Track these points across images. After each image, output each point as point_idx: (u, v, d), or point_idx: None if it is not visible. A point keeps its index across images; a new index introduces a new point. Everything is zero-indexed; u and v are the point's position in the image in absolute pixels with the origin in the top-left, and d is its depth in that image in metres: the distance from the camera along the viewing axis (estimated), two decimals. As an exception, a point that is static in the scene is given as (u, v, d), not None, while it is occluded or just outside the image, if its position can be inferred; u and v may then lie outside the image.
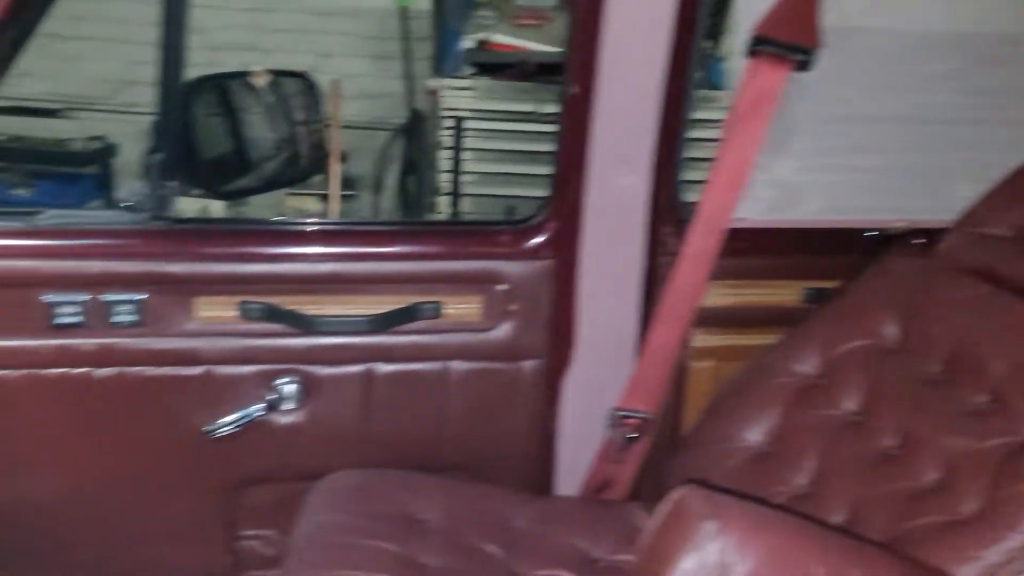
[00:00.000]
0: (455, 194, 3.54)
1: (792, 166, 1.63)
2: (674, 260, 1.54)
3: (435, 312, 1.58)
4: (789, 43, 1.39)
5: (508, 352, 1.62)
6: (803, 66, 1.41)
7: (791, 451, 1.41)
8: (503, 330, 1.62)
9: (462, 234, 1.67)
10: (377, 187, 4.08)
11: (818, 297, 1.66)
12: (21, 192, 3.53)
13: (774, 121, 1.45)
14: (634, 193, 1.58)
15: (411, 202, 3.94)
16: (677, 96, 1.55)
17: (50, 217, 1.49)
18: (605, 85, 1.50)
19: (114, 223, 1.50)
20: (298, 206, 4.30)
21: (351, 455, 1.60)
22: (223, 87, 1.81)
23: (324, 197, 4.20)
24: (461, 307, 1.60)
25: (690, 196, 1.64)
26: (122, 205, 1.50)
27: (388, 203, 4.05)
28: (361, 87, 4.96)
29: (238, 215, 3.64)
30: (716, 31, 3.10)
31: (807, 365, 1.47)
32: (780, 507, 1.27)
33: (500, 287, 1.60)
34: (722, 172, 1.47)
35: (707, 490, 0.90)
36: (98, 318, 1.48)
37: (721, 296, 1.64)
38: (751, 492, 1.33)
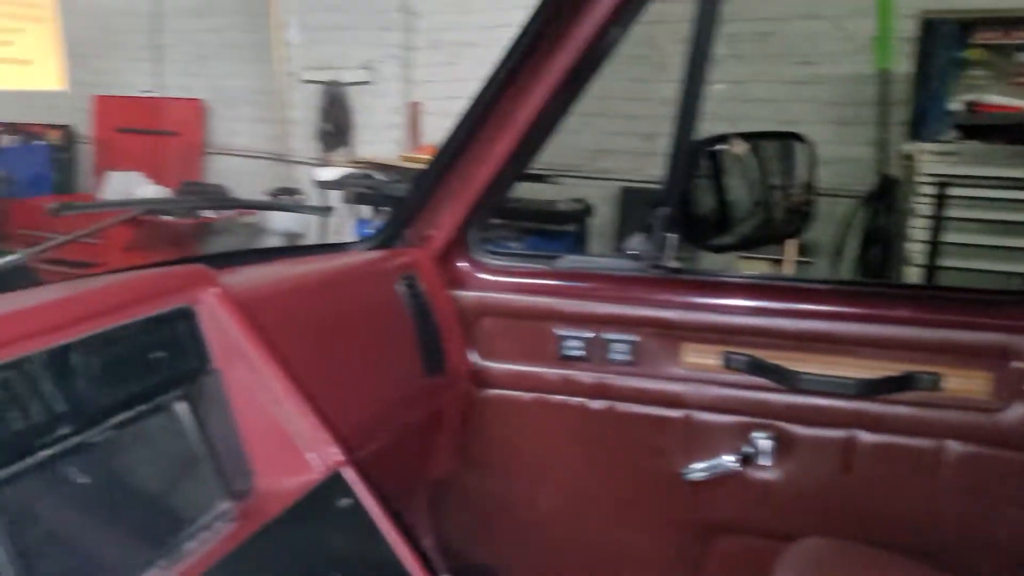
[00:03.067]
0: (930, 266, 3.27)
1: None
2: None
3: (932, 384, 1.46)
4: None
5: (1020, 439, 1.43)
6: None
7: None
8: (1015, 413, 1.43)
9: (968, 302, 1.52)
10: (837, 255, 3.94)
11: None
12: (513, 245, 4.11)
13: None
14: None
15: (874, 272, 3.72)
16: None
17: (568, 261, 1.71)
18: None
19: (619, 269, 1.66)
20: (750, 270, 4.34)
21: (824, 521, 1.54)
22: (714, 149, 1.91)
23: (777, 262, 4.17)
24: (964, 382, 1.45)
25: None
26: (627, 254, 1.65)
27: (847, 273, 3.88)
28: (822, 153, 4.86)
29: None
30: None
31: None
32: None
33: (1014, 364, 1.42)
34: None
35: None
36: (598, 354, 1.65)
37: None
38: None
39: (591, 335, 1.65)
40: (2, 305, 0.79)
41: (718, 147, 1.97)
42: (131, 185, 5.99)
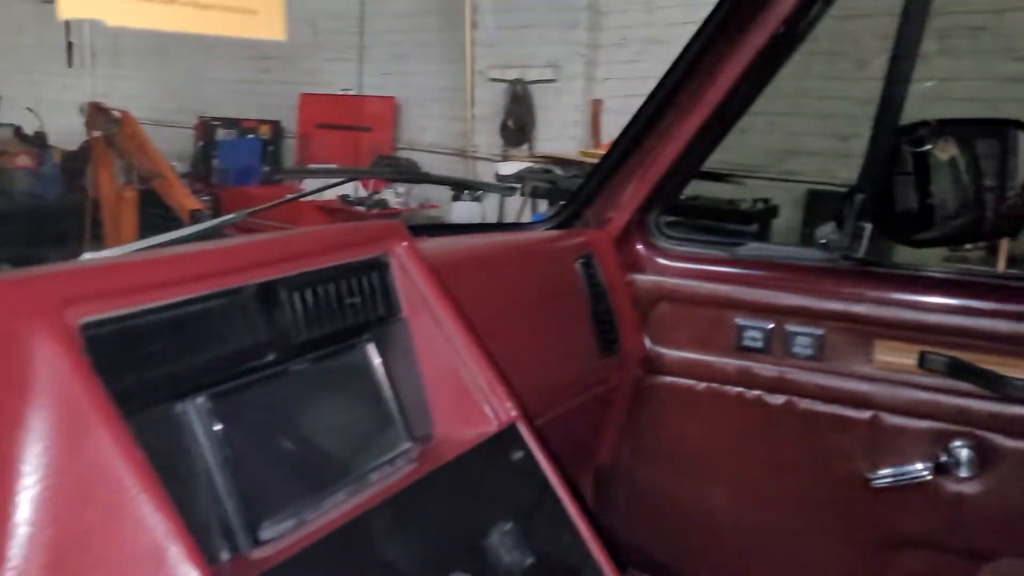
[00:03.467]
0: None
1: None
2: None
3: None
4: None
5: None
6: None
7: None
8: None
9: None
10: (1057, 268, 3.56)
11: None
12: (690, 244, 4.02)
13: None
14: None
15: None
16: None
17: (751, 249, 1.65)
18: None
19: (807, 259, 1.58)
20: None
21: (1028, 543, 1.40)
22: (921, 149, 1.77)
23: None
24: None
25: None
26: (817, 243, 1.57)
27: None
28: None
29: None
30: None
31: None
32: None
33: None
34: None
35: None
36: (779, 346, 1.58)
37: None
38: None
39: (772, 326, 1.58)
40: (221, 243, 0.88)
41: (926, 147, 1.84)
42: (327, 176, 6.41)
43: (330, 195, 5.84)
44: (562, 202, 1.82)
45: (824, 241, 1.56)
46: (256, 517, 0.75)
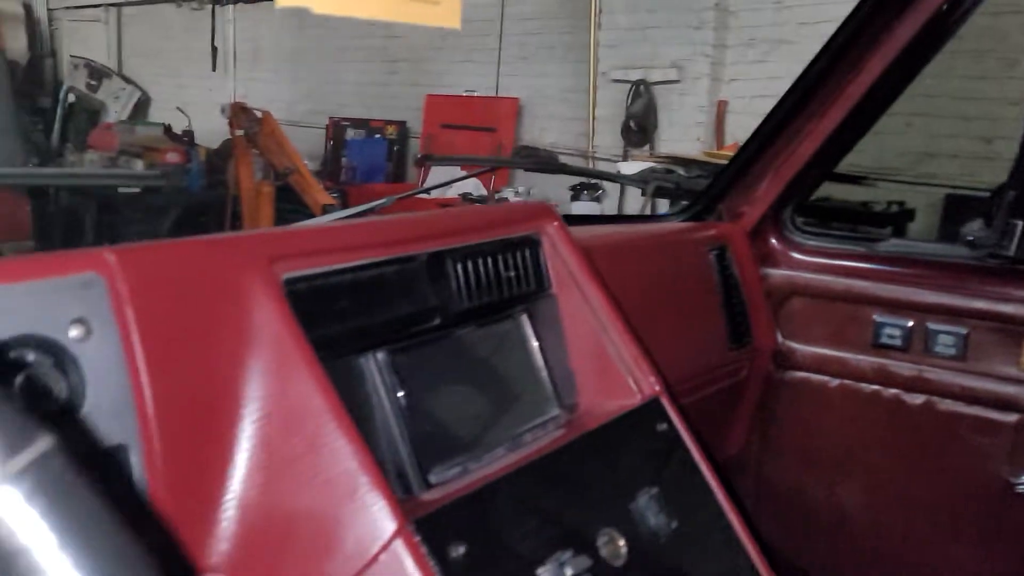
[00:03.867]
0: None
1: None
2: None
3: None
4: None
5: None
6: None
7: None
8: None
9: None
10: None
11: None
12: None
13: None
14: None
15: None
16: None
17: (891, 245, 1.63)
18: None
19: (951, 256, 1.55)
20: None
21: None
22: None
23: None
24: None
25: None
26: (963, 240, 1.53)
27: None
28: None
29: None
30: None
31: None
32: None
33: None
34: None
35: None
36: (918, 345, 1.55)
37: None
38: None
39: (912, 324, 1.55)
40: (395, 217, 0.96)
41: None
42: (450, 176, 6.58)
43: (452, 193, 6.00)
44: (684, 202, 1.84)
45: (971, 238, 1.53)
46: (426, 463, 0.82)
